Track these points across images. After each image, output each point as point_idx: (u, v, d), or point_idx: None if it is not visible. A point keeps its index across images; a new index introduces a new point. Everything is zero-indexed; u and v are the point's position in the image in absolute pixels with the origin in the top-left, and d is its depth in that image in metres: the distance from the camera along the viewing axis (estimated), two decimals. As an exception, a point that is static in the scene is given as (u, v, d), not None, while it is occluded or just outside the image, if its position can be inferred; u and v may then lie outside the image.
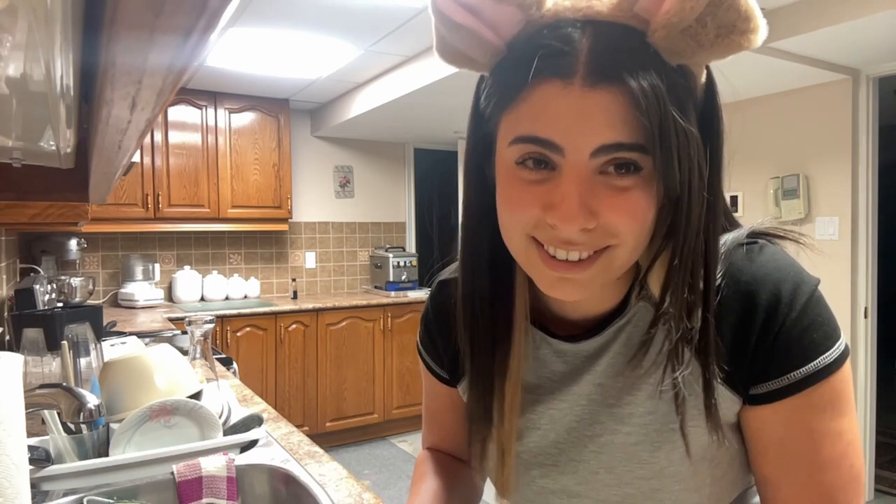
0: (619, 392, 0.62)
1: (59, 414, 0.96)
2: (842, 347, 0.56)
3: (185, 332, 2.01)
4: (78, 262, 3.79)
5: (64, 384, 0.90)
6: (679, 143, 0.48)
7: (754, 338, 0.55)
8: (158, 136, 3.78)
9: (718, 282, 0.56)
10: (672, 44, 0.47)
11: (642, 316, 0.61)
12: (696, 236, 0.52)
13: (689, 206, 0.51)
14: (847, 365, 0.56)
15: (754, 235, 0.60)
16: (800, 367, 0.54)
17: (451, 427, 0.83)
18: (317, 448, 1.23)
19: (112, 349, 2.01)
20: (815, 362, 0.54)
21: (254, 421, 1.15)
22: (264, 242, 4.48)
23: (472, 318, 0.64)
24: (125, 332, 2.68)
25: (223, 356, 2.39)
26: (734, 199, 3.44)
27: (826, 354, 0.55)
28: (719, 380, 0.56)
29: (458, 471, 0.82)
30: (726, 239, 0.58)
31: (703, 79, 0.52)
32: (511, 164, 0.53)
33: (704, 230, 0.53)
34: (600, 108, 0.47)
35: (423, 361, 0.81)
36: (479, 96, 0.56)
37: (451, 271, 0.76)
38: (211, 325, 1.21)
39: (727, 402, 0.58)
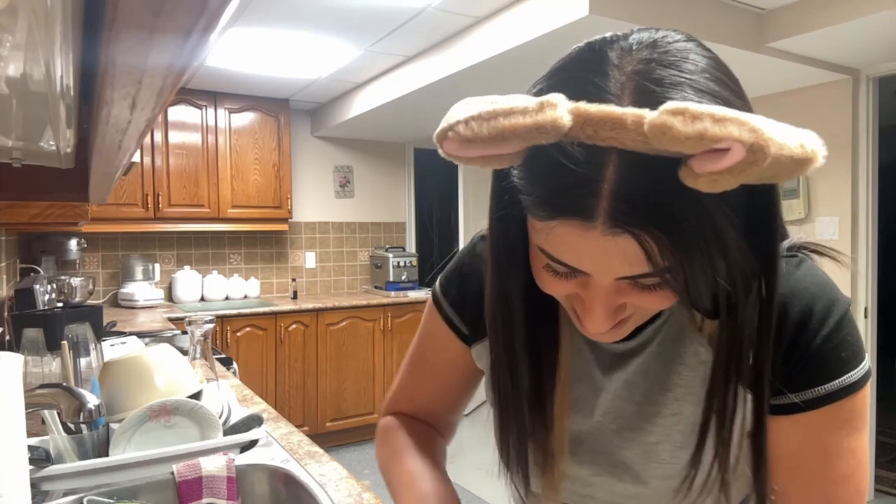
0: (647, 390, 0.62)
1: (59, 414, 0.96)
2: (866, 368, 0.57)
3: (185, 332, 2.01)
4: (78, 262, 3.79)
5: (64, 384, 0.90)
6: (706, 278, 0.46)
7: (783, 348, 0.56)
8: (158, 136, 3.78)
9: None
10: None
11: (677, 316, 0.61)
12: (746, 319, 0.53)
13: (729, 304, 0.51)
14: (868, 385, 0.57)
15: (792, 249, 0.60)
16: (825, 383, 0.55)
17: (449, 385, 0.80)
18: (317, 448, 1.23)
19: (112, 349, 2.01)
20: (840, 380, 0.55)
21: (254, 421, 1.15)
22: (264, 242, 4.47)
23: (509, 328, 0.62)
24: (125, 332, 2.68)
25: (223, 356, 2.39)
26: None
27: (851, 373, 0.55)
28: (744, 387, 0.57)
29: (434, 439, 0.81)
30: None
31: None
32: (540, 254, 0.52)
33: (758, 306, 0.53)
34: (620, 250, 0.45)
35: (440, 312, 0.76)
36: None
37: None
38: (211, 325, 1.21)
39: (748, 407, 0.58)
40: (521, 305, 0.61)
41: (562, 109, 0.42)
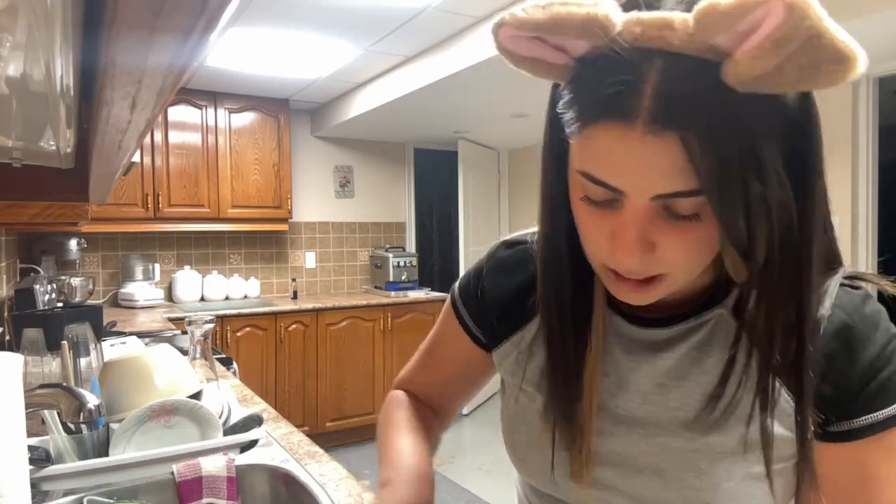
0: (684, 397, 0.60)
1: (59, 414, 0.96)
2: None
3: (185, 332, 2.01)
4: (78, 262, 3.79)
5: (64, 384, 0.90)
6: (743, 194, 0.45)
7: (847, 375, 0.55)
8: (158, 136, 3.78)
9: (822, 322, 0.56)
10: (748, 87, 0.43)
11: (720, 324, 0.60)
12: (778, 277, 0.51)
13: (770, 252, 0.50)
14: None
15: (851, 278, 0.60)
16: (882, 409, 0.55)
17: (454, 378, 0.83)
18: (317, 448, 1.23)
19: (112, 349, 2.01)
20: (894, 406, 0.55)
21: (254, 421, 1.15)
22: (264, 242, 4.47)
23: (559, 301, 0.63)
24: (125, 332, 2.68)
25: (223, 356, 2.39)
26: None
27: None
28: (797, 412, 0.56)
29: (431, 420, 0.84)
30: (829, 282, 0.58)
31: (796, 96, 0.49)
32: (579, 184, 0.53)
33: (791, 267, 0.51)
34: (660, 155, 0.45)
35: (457, 316, 0.78)
36: (555, 99, 0.54)
37: (522, 234, 0.75)
38: (211, 325, 1.21)
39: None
40: (568, 257, 0.61)
41: (614, 7, 0.44)
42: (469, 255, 4.53)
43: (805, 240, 0.51)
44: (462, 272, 4.71)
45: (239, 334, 3.71)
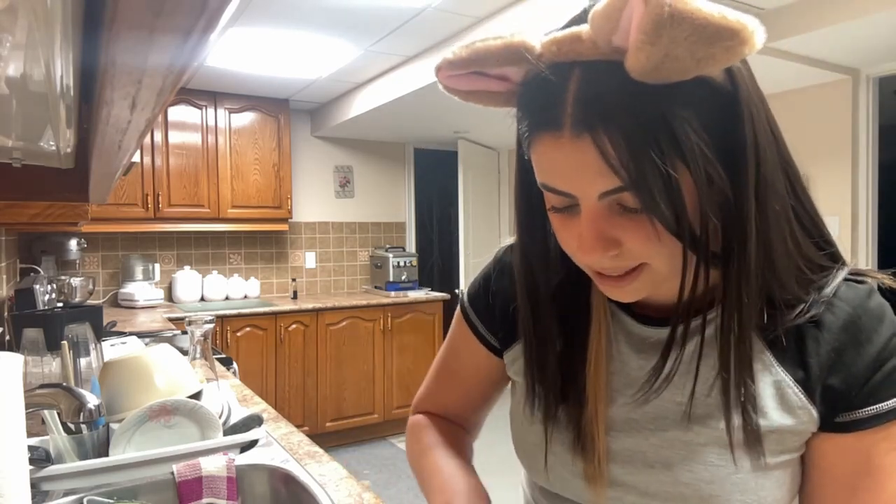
0: (690, 392, 0.60)
1: (59, 414, 0.96)
2: None
3: (185, 332, 2.01)
4: (78, 262, 3.79)
5: (64, 384, 0.90)
6: (662, 183, 0.47)
7: (855, 367, 0.56)
8: (158, 136, 3.78)
9: (818, 308, 0.57)
10: (654, 77, 0.44)
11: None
12: (730, 257, 0.53)
13: (692, 235, 0.51)
14: None
15: (854, 274, 0.61)
16: (887, 400, 0.56)
17: (471, 388, 0.82)
18: (317, 448, 1.23)
19: (112, 349, 2.01)
20: None
21: (254, 421, 1.15)
22: (264, 242, 4.47)
23: (537, 306, 0.65)
24: (125, 332, 2.68)
25: (223, 356, 2.39)
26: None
27: None
28: (810, 401, 0.57)
29: (462, 437, 0.83)
30: (835, 275, 0.59)
31: (722, 73, 0.50)
32: (546, 196, 0.56)
33: (741, 246, 0.53)
34: (589, 157, 0.48)
35: (469, 324, 0.78)
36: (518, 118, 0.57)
37: None
38: (211, 325, 1.21)
39: (805, 424, 0.57)
40: (548, 279, 0.64)
41: (531, 35, 0.49)
42: (469, 260, 4.53)
43: (743, 215, 0.52)
44: (462, 273, 4.71)
45: (239, 334, 3.71)
